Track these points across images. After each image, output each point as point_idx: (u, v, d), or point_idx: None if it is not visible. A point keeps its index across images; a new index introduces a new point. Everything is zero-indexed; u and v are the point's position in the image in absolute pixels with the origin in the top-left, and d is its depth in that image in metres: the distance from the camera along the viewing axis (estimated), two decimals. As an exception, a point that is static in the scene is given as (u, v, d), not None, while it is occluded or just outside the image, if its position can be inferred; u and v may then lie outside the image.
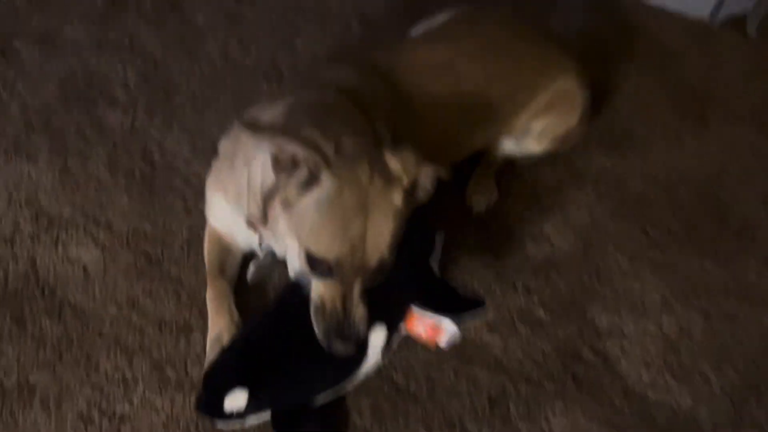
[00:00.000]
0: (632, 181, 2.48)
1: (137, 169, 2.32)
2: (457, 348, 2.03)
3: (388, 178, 1.68)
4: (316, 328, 1.72)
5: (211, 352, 1.90)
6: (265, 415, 1.79)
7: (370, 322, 1.75)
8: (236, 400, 1.73)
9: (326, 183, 1.64)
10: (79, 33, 2.69)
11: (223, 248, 2.06)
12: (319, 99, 1.89)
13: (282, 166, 1.66)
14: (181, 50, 2.63)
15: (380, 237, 1.67)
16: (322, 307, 1.71)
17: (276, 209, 1.72)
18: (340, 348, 1.70)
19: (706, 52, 2.92)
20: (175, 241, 2.17)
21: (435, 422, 1.94)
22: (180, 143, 2.40)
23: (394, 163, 1.70)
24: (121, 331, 1.99)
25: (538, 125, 2.32)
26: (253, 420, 1.78)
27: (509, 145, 2.40)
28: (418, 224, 1.84)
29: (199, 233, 2.16)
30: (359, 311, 1.71)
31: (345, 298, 1.70)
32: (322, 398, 1.83)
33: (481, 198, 2.35)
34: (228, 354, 1.82)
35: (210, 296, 2.00)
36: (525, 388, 2.02)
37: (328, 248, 1.65)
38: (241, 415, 1.75)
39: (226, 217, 2.00)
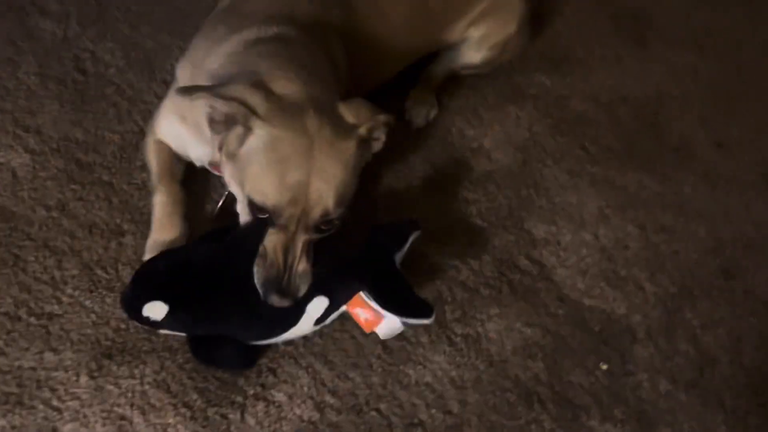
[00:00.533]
0: (572, 100, 2.49)
1: (69, 77, 2.27)
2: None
3: (340, 128, 1.66)
4: (255, 276, 1.70)
5: (149, 254, 1.86)
6: (180, 334, 1.78)
7: (314, 292, 1.73)
8: (155, 310, 1.69)
9: (259, 132, 1.62)
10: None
11: (172, 156, 2.02)
12: (270, 36, 1.85)
13: (217, 123, 1.66)
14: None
15: (325, 186, 1.64)
16: (264, 256, 1.68)
17: (223, 161, 1.71)
18: (275, 300, 1.68)
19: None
20: (107, 148, 2.13)
21: (369, 325, 1.91)
22: (113, 54, 2.35)
23: (347, 113, 1.68)
24: (50, 233, 1.95)
25: (476, 32, 2.31)
26: (166, 332, 1.76)
27: (447, 58, 2.37)
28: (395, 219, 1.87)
29: (133, 141, 2.13)
30: (301, 265, 1.69)
31: (287, 250, 1.67)
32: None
33: (421, 110, 2.34)
34: (163, 263, 1.78)
35: (160, 200, 1.95)
36: (461, 294, 2.02)
37: (265, 195, 1.64)
38: (155, 325, 1.72)
39: (181, 138, 1.97)
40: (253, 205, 1.66)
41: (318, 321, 1.79)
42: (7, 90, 2.21)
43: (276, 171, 1.63)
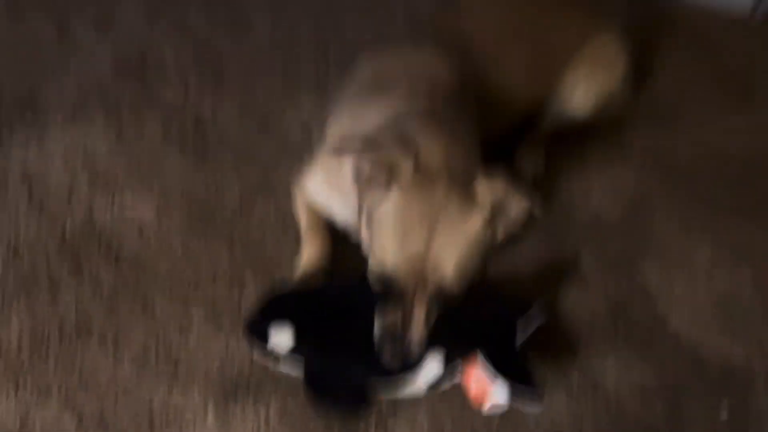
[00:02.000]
0: (679, 154, 2.52)
1: (189, 138, 2.37)
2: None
3: (468, 200, 1.68)
4: (375, 323, 1.73)
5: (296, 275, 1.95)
6: (295, 371, 1.80)
7: (431, 348, 1.74)
8: (281, 336, 1.75)
9: (393, 195, 1.66)
10: (131, 16, 2.76)
11: (319, 212, 2.10)
12: (421, 110, 1.89)
13: (361, 180, 1.71)
14: (231, 35, 2.69)
15: (445, 258, 1.65)
16: (384, 310, 1.70)
17: (362, 224, 1.77)
18: (386, 356, 1.70)
19: (748, 43, 2.96)
20: (227, 204, 2.22)
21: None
22: (231, 117, 2.46)
23: (482, 187, 1.69)
24: (175, 282, 2.01)
25: (581, 86, 2.35)
26: (283, 366, 1.81)
27: (552, 113, 2.42)
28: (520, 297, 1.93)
29: (250, 197, 2.19)
30: (417, 333, 1.69)
31: (405, 317, 1.68)
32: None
33: (530, 164, 2.37)
34: (293, 292, 1.86)
35: (306, 252, 2.03)
36: (575, 339, 2.01)
37: (383, 262, 1.67)
38: (277, 355, 1.77)
39: (326, 198, 2.05)
40: (375, 274, 1.69)
41: (432, 384, 1.80)
42: (132, 150, 2.35)
43: (398, 235, 1.65)
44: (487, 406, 1.80)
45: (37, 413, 1.75)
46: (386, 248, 1.66)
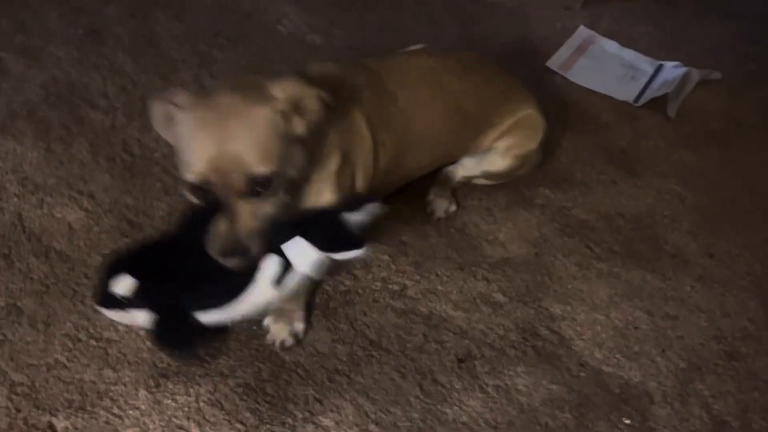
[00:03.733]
0: (574, 210, 2.68)
1: (117, 156, 2.44)
2: (424, 316, 2.18)
3: (255, 99, 1.77)
4: (210, 248, 1.75)
5: None
6: (144, 319, 1.75)
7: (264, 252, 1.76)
8: (123, 285, 1.70)
9: (179, 118, 1.77)
10: (61, 51, 2.85)
11: None
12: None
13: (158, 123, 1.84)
14: (157, 75, 2.79)
15: (239, 149, 1.72)
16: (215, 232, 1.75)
17: None
18: (227, 261, 1.74)
19: (633, 126, 3.20)
20: (155, 212, 2.28)
21: (407, 371, 2.04)
22: (158, 142, 2.52)
23: (273, 88, 1.79)
24: (105, 275, 2.04)
25: (503, 144, 2.55)
26: (132, 317, 1.76)
27: (470, 164, 2.60)
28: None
29: (178, 209, 2.26)
30: (243, 226, 1.73)
31: (231, 218, 1.73)
32: (207, 318, 1.78)
33: (442, 204, 2.53)
34: (127, 249, 1.86)
35: None
36: (489, 352, 2.13)
37: (189, 172, 1.73)
38: (123, 305, 1.73)
39: None
40: (189, 188, 1.76)
41: (276, 281, 1.77)
42: (61, 162, 2.37)
43: (192, 148, 1.73)
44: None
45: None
46: (188, 162, 1.73)
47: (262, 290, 1.76)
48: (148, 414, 1.80)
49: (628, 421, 2.06)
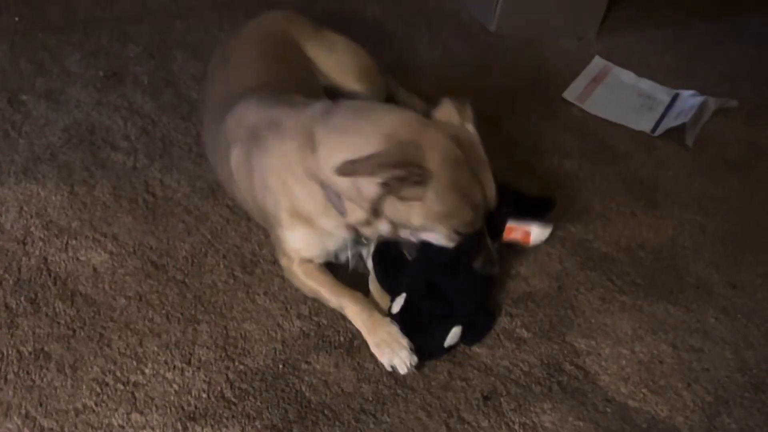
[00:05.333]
0: (595, 243, 2.68)
1: (140, 198, 2.45)
2: (448, 354, 2.17)
3: (464, 136, 2.01)
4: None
5: (386, 359, 2.12)
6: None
7: None
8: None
9: (435, 178, 1.93)
10: (81, 94, 2.87)
11: (325, 269, 2.25)
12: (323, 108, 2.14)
13: (392, 185, 1.91)
14: (176, 115, 2.81)
15: (491, 182, 2.02)
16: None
17: (390, 208, 1.98)
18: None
19: (651, 156, 3.20)
20: (179, 253, 2.29)
21: (433, 409, 2.04)
22: (179, 183, 2.54)
23: (443, 116, 2.03)
24: (130, 318, 2.08)
25: None
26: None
27: None
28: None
29: (202, 249, 2.31)
30: (494, 247, 2.13)
31: (483, 245, 2.09)
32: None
33: None
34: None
35: (353, 311, 2.19)
36: (514, 389, 2.13)
37: (461, 222, 2.01)
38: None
39: (314, 235, 2.19)
40: (458, 232, 2.02)
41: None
42: (84, 204, 2.39)
43: (462, 202, 1.98)
44: (532, 242, 2.37)
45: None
46: (459, 214, 1.98)
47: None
48: (178, 458, 1.80)
49: (655, 457, 2.04)
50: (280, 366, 2.04)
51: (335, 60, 2.69)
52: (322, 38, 2.71)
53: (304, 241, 2.18)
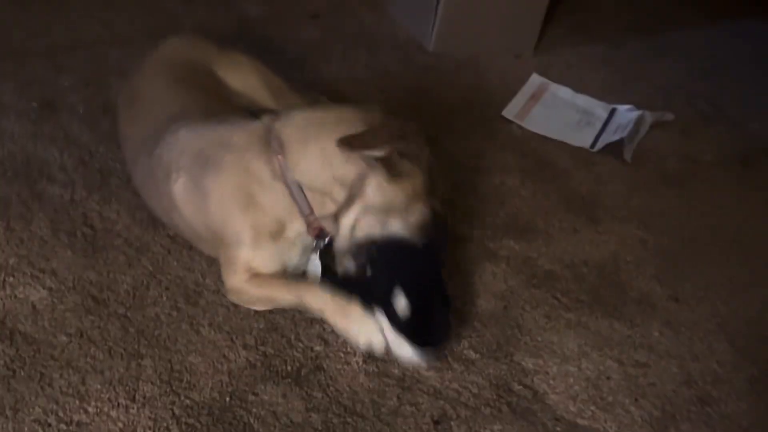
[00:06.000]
0: (539, 260, 2.69)
1: (78, 231, 2.40)
2: (397, 378, 2.17)
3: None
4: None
5: (362, 336, 2.15)
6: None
7: None
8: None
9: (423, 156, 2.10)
10: (15, 126, 2.82)
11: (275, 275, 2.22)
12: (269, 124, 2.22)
13: (393, 160, 2.03)
14: (114, 145, 2.76)
15: None
16: None
17: (374, 189, 2.04)
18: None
19: (590, 171, 3.23)
20: (120, 287, 2.24)
21: (384, 436, 2.01)
22: (119, 214, 2.50)
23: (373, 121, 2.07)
24: (72, 355, 2.04)
25: None
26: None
27: None
28: None
29: (144, 282, 2.27)
30: None
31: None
32: None
33: None
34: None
35: (316, 303, 2.19)
36: (464, 412, 2.12)
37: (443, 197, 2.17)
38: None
39: (277, 254, 2.21)
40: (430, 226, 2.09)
41: None
42: (21, 240, 2.33)
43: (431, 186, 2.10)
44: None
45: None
46: (438, 189, 2.10)
47: None
48: (125, 500, 1.76)
49: (605, 475, 2.04)
50: (227, 399, 2.01)
51: (243, 80, 2.68)
52: (227, 59, 2.71)
53: (267, 258, 2.19)
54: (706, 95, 3.93)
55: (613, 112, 3.57)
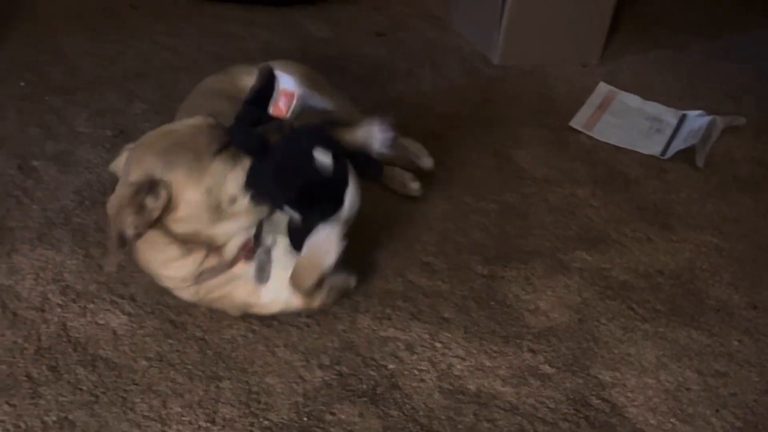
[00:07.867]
0: (613, 271, 2.67)
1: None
2: (473, 395, 2.16)
3: None
4: None
5: None
6: None
7: None
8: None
9: None
10: (90, 154, 2.89)
11: None
12: None
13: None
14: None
15: None
16: None
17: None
18: None
19: (662, 180, 3.20)
20: (196, 310, 2.27)
21: (461, 453, 2.01)
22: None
23: None
24: (152, 379, 2.06)
25: None
26: None
27: None
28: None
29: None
30: None
31: None
32: None
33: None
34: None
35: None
36: (542, 427, 2.11)
37: None
38: None
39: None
40: None
41: None
42: (100, 267, 2.40)
43: None
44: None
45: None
46: None
47: None
48: None
49: (690, 488, 2.02)
50: (305, 419, 2.02)
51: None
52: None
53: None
54: (778, 97, 3.87)
55: (683, 118, 3.53)
